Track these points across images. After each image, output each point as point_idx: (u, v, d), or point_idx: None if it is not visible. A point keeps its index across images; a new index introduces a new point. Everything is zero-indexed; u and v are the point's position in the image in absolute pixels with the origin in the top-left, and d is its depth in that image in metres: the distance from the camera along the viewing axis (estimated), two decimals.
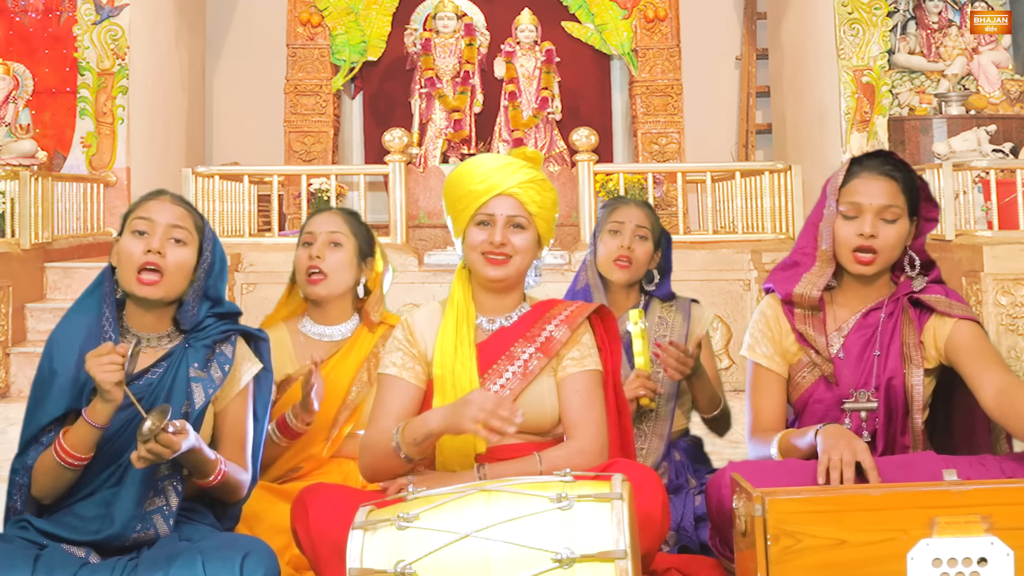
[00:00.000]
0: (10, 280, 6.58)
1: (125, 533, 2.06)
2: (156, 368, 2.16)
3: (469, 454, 2.12)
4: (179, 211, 2.19)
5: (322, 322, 2.75)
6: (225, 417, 2.24)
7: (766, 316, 2.42)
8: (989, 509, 1.75)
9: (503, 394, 2.13)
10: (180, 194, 2.27)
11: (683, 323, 2.87)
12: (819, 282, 2.34)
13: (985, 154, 7.52)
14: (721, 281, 6.64)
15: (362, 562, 1.73)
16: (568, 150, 8.36)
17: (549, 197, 2.24)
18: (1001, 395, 2.14)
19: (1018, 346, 5.71)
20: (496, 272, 2.17)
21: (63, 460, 2.04)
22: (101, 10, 8.06)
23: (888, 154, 2.37)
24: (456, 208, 2.21)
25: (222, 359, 2.21)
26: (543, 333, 2.19)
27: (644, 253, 2.86)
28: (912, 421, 2.31)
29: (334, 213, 2.81)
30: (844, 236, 2.30)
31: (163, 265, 2.13)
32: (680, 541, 2.59)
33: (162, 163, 8.44)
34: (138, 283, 2.12)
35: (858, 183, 2.31)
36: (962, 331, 2.28)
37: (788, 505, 1.76)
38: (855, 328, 2.35)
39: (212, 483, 2.14)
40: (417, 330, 2.23)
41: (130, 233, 2.15)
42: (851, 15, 7.97)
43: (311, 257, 2.70)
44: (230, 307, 2.27)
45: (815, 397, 2.36)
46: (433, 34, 9.02)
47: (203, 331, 2.20)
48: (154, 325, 2.20)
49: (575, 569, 1.67)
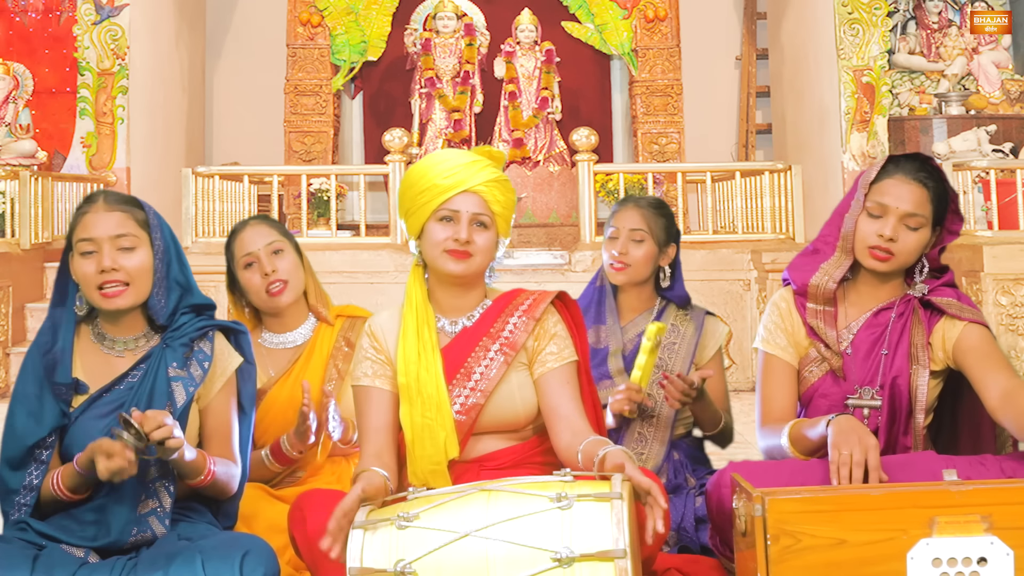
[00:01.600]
0: (10, 280, 6.58)
1: (122, 538, 2.06)
2: (135, 371, 2.15)
3: (441, 462, 2.09)
4: (117, 217, 2.14)
5: (281, 330, 2.76)
6: (209, 414, 2.23)
7: (779, 308, 2.43)
8: (989, 509, 1.75)
9: (474, 396, 2.11)
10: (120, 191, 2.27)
11: (694, 334, 2.86)
12: (836, 273, 2.35)
13: (985, 154, 7.52)
14: (721, 281, 6.64)
15: (362, 561, 1.73)
16: (568, 150, 8.36)
17: (510, 198, 2.19)
18: (1005, 397, 2.14)
19: (1018, 346, 5.71)
20: (458, 267, 2.12)
21: (64, 497, 2.08)
22: (101, 10, 8.06)
23: (926, 159, 2.36)
24: (416, 202, 2.14)
25: (201, 356, 2.19)
26: (506, 327, 2.16)
27: (641, 255, 2.84)
28: (915, 422, 2.31)
29: (257, 225, 2.76)
30: (865, 233, 2.31)
31: (123, 277, 2.12)
32: (680, 541, 2.59)
33: (162, 163, 8.45)
34: (104, 298, 2.11)
35: (890, 183, 2.31)
36: (971, 334, 2.28)
37: (788, 505, 1.76)
38: (865, 326, 2.36)
39: (204, 482, 2.13)
40: (380, 336, 2.20)
41: (79, 256, 2.13)
42: (851, 15, 7.97)
43: (264, 275, 2.68)
44: (203, 299, 2.25)
45: (821, 391, 2.37)
46: (433, 34, 9.02)
47: (180, 329, 2.19)
48: (129, 328, 2.19)
49: (575, 568, 1.67)
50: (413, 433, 2.11)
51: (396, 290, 6.81)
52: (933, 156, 7.57)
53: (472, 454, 2.15)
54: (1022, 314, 5.74)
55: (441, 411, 2.10)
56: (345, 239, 7.25)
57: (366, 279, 6.70)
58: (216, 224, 7.14)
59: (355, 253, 6.84)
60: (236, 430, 2.26)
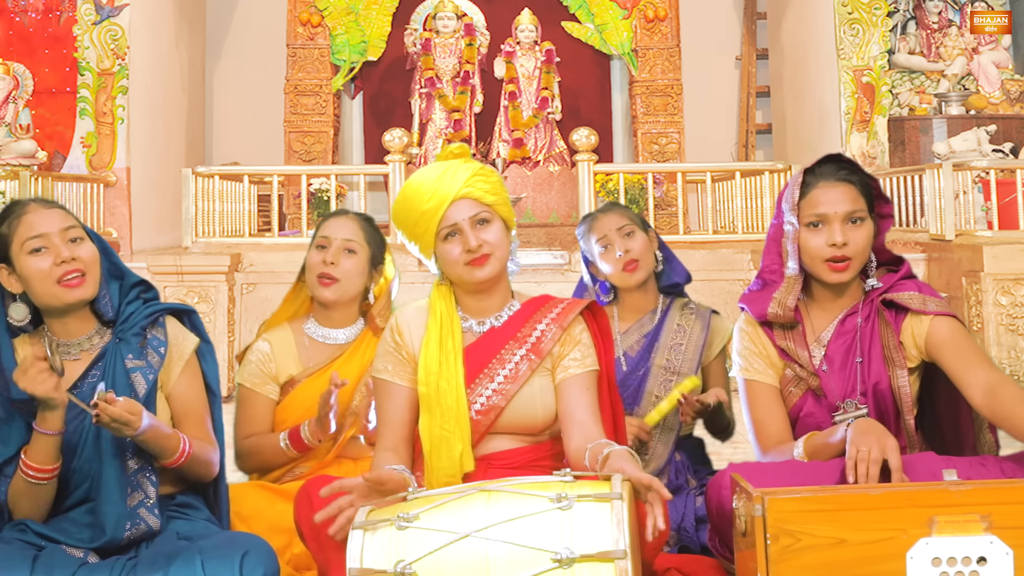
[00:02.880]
0: None
1: (117, 535, 2.06)
2: (94, 371, 2.16)
3: (456, 474, 2.09)
4: (59, 212, 2.16)
5: (327, 325, 2.75)
6: (174, 399, 2.23)
7: (747, 333, 2.40)
8: (988, 508, 1.75)
9: (496, 398, 2.12)
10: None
11: (701, 332, 2.86)
12: (789, 299, 2.31)
13: (985, 154, 7.52)
14: (721, 281, 6.63)
15: (362, 562, 1.73)
16: (568, 150, 8.36)
17: (496, 179, 2.19)
18: (990, 395, 2.13)
19: (1018, 346, 5.71)
20: (483, 273, 2.13)
21: (34, 478, 2.04)
22: (101, 10, 8.06)
23: (836, 157, 2.35)
24: (416, 232, 2.16)
25: (156, 343, 2.20)
26: (533, 333, 2.16)
27: (641, 246, 2.85)
28: (904, 422, 2.31)
29: (351, 219, 2.79)
30: (814, 247, 2.28)
31: (82, 267, 2.11)
32: (681, 541, 2.59)
33: (162, 163, 8.45)
34: (67, 289, 2.10)
35: (817, 193, 2.29)
36: (940, 328, 2.26)
37: (787, 504, 1.76)
38: (834, 336, 2.34)
39: (180, 461, 2.13)
40: (406, 331, 2.20)
41: (27, 254, 2.11)
42: (851, 15, 7.98)
43: (324, 262, 2.69)
44: (139, 279, 2.25)
45: (805, 411, 2.35)
46: (433, 34, 9.02)
47: (129, 320, 2.19)
48: (79, 328, 2.18)
49: (575, 569, 1.67)
50: (431, 444, 2.11)
51: (396, 290, 6.81)
52: (933, 156, 7.58)
53: (483, 451, 2.15)
54: (1022, 314, 5.74)
55: (460, 423, 2.10)
56: None
57: None
58: (216, 224, 7.13)
59: None
60: (208, 411, 2.26)
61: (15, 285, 2.14)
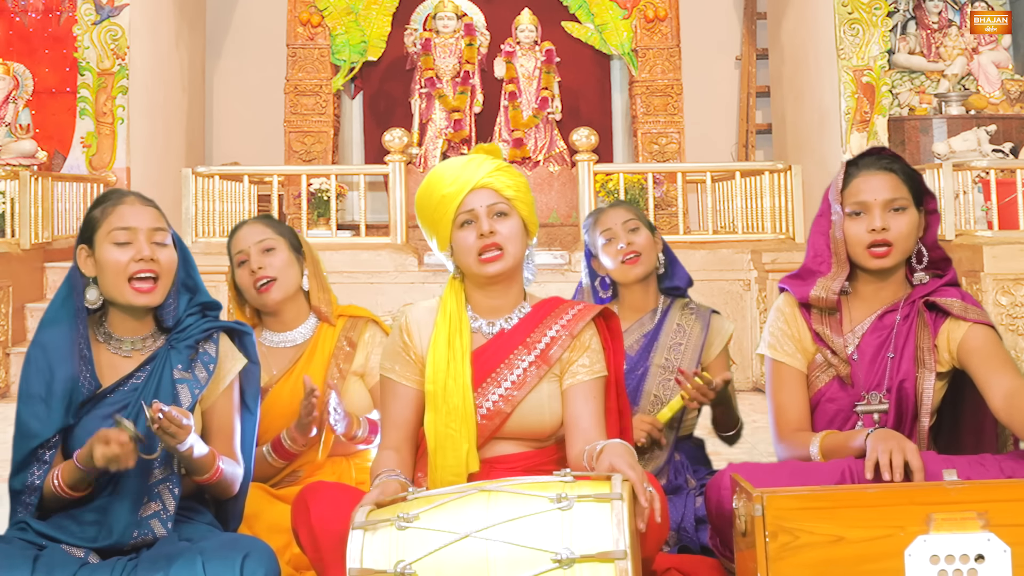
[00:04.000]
0: (10, 280, 6.59)
1: (123, 540, 2.06)
2: (140, 372, 2.16)
3: (461, 473, 2.09)
4: (152, 212, 2.18)
5: (281, 329, 2.76)
6: (212, 415, 2.23)
7: (784, 314, 2.42)
8: (985, 506, 1.76)
9: (502, 403, 2.11)
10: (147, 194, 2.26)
11: (701, 332, 2.87)
12: (834, 285, 2.33)
13: (985, 154, 7.52)
14: (721, 281, 6.64)
15: (362, 562, 1.73)
16: (568, 150, 8.36)
17: (521, 180, 2.19)
18: (1009, 399, 2.13)
19: (1018, 346, 5.71)
20: (494, 267, 2.12)
21: (66, 495, 2.07)
22: (101, 10, 8.06)
23: (880, 149, 2.39)
24: (434, 218, 2.16)
25: (206, 358, 2.20)
26: (543, 339, 2.15)
27: (644, 241, 2.85)
28: (919, 424, 2.31)
29: (252, 224, 2.78)
30: (855, 234, 2.31)
31: (158, 270, 2.13)
32: (680, 542, 2.59)
33: (162, 163, 8.45)
34: (134, 292, 2.12)
35: (858, 182, 2.32)
36: (976, 335, 2.27)
37: (785, 502, 1.77)
38: (870, 330, 2.35)
39: (211, 480, 2.14)
40: (415, 330, 2.20)
41: (111, 244, 2.12)
42: (851, 15, 7.98)
43: (252, 272, 2.69)
44: (209, 300, 2.25)
45: (828, 396, 2.36)
46: (433, 34, 9.02)
47: (185, 331, 2.19)
48: (137, 328, 2.19)
49: (575, 569, 1.67)
50: (436, 442, 2.11)
51: (396, 290, 6.83)
52: (933, 156, 7.58)
53: (487, 455, 2.14)
54: (1022, 314, 5.75)
55: (466, 422, 2.10)
56: (345, 239, 7.26)
57: (366, 279, 6.72)
58: (216, 224, 7.14)
59: (355, 253, 6.85)
60: (238, 430, 2.27)
61: (90, 268, 2.15)
